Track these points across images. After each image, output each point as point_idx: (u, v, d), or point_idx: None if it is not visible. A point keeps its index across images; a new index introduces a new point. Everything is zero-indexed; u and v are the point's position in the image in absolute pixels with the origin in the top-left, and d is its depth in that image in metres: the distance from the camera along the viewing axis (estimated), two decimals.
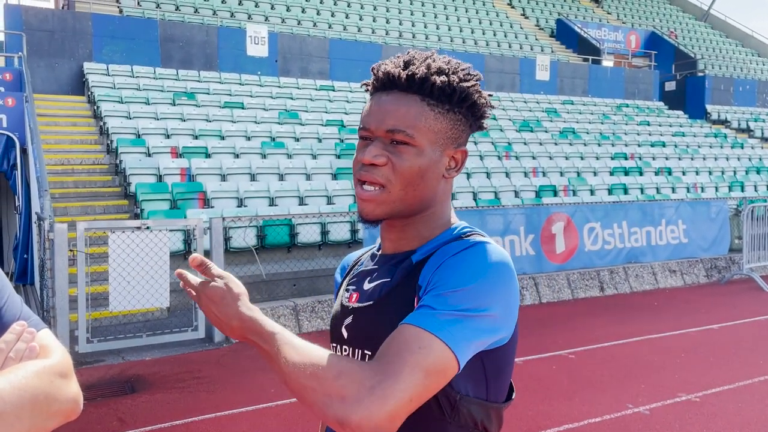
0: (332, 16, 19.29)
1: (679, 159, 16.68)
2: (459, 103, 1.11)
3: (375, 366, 0.94)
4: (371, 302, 1.16)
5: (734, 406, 4.80)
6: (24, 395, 0.95)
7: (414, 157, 1.08)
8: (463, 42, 20.63)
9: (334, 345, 1.23)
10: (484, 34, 21.99)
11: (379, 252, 1.25)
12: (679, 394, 5.06)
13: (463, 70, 1.13)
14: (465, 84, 1.11)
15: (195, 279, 1.13)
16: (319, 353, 0.99)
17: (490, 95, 1.17)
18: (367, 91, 1.19)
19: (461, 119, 1.12)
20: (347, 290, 1.25)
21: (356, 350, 1.16)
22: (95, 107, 12.23)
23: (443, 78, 1.09)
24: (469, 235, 1.15)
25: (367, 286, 1.20)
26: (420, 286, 1.07)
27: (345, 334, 1.19)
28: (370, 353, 1.12)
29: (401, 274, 1.14)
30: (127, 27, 14.36)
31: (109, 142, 11.02)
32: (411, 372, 0.92)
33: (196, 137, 11.43)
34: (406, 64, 1.12)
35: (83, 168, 10.65)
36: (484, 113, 1.16)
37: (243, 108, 13.28)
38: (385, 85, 1.12)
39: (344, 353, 1.18)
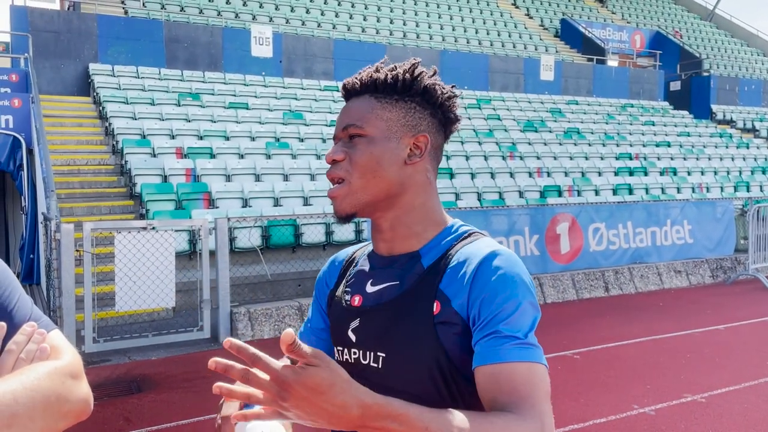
0: (336, 16, 19.30)
1: (684, 159, 16.63)
2: (405, 91, 1.17)
3: (525, 414, 0.99)
4: (380, 305, 1.15)
5: (740, 407, 4.78)
6: (36, 396, 0.96)
7: (366, 146, 1.15)
8: (467, 42, 20.61)
9: (339, 348, 1.22)
10: (488, 34, 21.96)
11: (374, 252, 1.25)
12: (685, 395, 5.05)
13: (411, 63, 1.20)
14: (408, 75, 1.17)
15: (273, 365, 0.84)
16: (474, 421, 0.94)
17: (453, 86, 1.23)
18: None
19: (415, 107, 1.18)
20: (346, 292, 1.24)
21: (368, 352, 1.15)
22: (101, 108, 12.27)
23: (386, 73, 1.18)
24: (471, 234, 1.18)
25: (370, 288, 1.19)
26: (448, 298, 1.09)
27: (353, 337, 1.18)
28: (383, 355, 1.13)
29: (413, 279, 1.14)
30: (132, 28, 14.41)
31: (114, 142, 11.07)
32: (546, 403, 1.02)
33: (201, 138, 11.47)
34: (360, 74, 1.21)
35: (89, 168, 10.69)
36: (444, 101, 1.20)
37: (247, 108, 13.30)
38: (345, 96, 1.23)
39: (354, 356, 1.18)
